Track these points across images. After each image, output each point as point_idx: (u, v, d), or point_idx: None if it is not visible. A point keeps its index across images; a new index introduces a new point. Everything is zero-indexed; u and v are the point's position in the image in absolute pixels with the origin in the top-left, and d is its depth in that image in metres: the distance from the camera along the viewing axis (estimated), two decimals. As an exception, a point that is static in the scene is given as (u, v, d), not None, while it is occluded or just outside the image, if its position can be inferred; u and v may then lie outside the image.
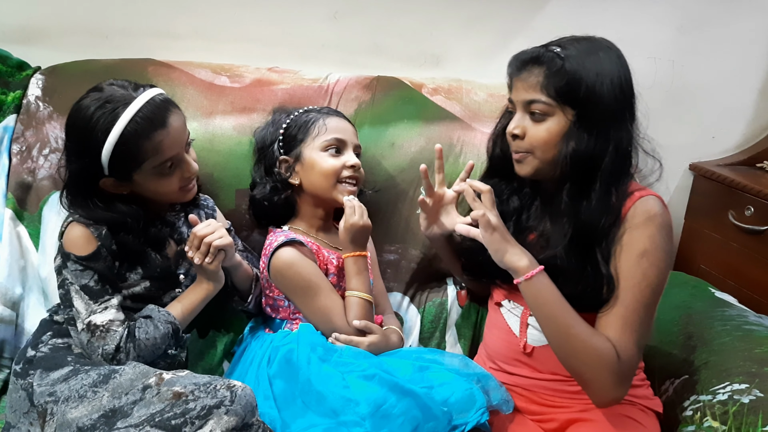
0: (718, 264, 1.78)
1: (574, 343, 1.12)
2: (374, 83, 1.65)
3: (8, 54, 1.55)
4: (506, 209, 1.28)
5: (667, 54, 1.86)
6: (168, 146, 1.19)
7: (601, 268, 1.15)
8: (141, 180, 1.21)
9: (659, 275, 1.15)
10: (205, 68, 1.61)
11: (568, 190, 1.16)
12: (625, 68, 1.17)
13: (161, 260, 1.29)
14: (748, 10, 1.84)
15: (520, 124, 1.19)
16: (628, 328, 1.12)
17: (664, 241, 1.15)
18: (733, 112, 1.92)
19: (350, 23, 1.74)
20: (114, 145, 1.15)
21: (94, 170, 1.18)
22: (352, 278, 1.33)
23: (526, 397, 1.27)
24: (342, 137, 1.37)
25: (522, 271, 1.14)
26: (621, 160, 1.15)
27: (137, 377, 1.09)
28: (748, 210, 1.68)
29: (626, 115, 1.15)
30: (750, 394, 1.13)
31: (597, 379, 1.12)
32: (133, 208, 1.23)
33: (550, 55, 1.14)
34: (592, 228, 1.15)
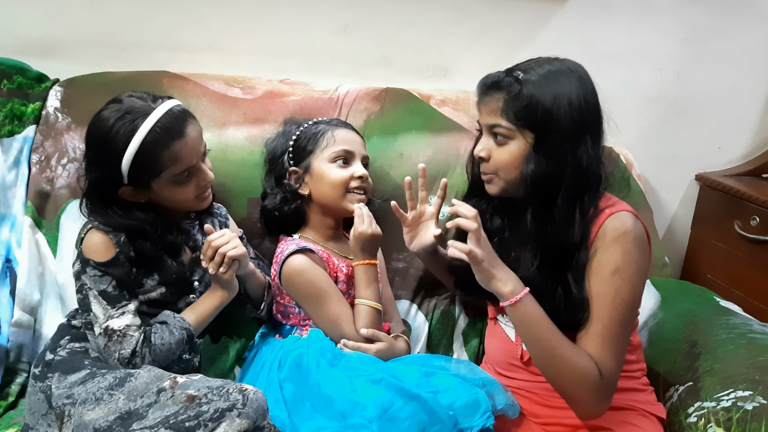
0: (724, 273, 1.79)
1: (559, 363, 1.15)
2: (383, 95, 1.68)
3: (28, 66, 1.59)
4: (490, 227, 1.31)
5: (672, 65, 1.88)
6: (186, 156, 1.22)
7: (571, 288, 1.17)
8: (159, 188, 1.24)
9: (633, 291, 1.17)
10: (218, 80, 1.64)
11: (531, 212, 1.19)
12: (588, 91, 1.17)
13: (177, 266, 1.32)
14: (753, 22, 1.86)
15: (485, 147, 1.22)
16: (607, 344, 1.15)
17: (636, 255, 1.17)
18: (739, 123, 1.94)
19: (360, 36, 1.78)
20: (134, 154, 1.19)
21: (113, 179, 1.21)
22: (361, 286, 1.34)
23: (530, 399, 1.28)
24: (350, 148, 1.40)
25: (507, 296, 1.15)
26: (582, 180, 1.16)
27: (152, 380, 1.11)
28: (754, 220, 1.70)
29: (586, 137, 1.16)
30: (753, 401, 1.14)
31: (580, 396, 1.16)
32: (151, 215, 1.26)
33: (509, 80, 1.17)
34: (558, 249, 1.17)
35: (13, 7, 1.66)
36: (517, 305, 1.15)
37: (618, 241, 1.16)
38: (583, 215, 1.18)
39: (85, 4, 1.67)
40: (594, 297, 1.17)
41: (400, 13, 1.77)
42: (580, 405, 1.18)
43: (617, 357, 1.16)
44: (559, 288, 1.18)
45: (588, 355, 1.15)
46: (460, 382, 1.19)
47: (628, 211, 1.20)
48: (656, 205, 1.91)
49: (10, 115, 1.54)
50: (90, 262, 1.23)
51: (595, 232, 1.19)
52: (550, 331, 1.16)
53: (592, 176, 1.18)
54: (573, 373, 1.14)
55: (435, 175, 1.60)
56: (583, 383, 1.14)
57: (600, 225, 1.18)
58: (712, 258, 1.85)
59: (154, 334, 1.23)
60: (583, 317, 1.18)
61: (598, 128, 1.19)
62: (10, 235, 1.49)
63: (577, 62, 1.21)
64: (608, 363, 1.15)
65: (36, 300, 1.47)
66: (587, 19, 1.83)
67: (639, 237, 1.19)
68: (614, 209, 1.20)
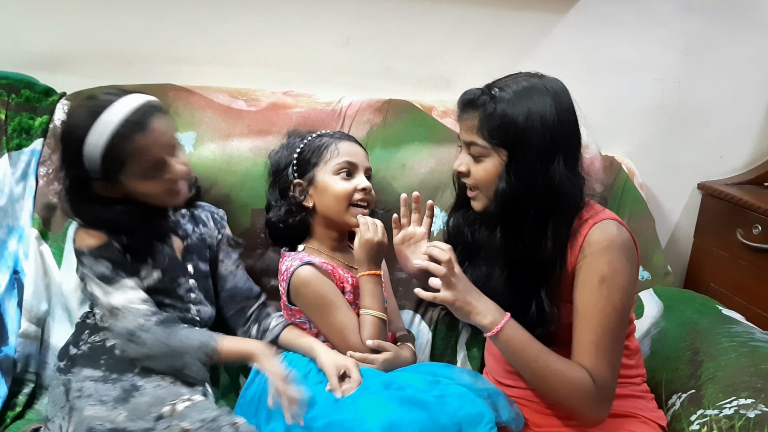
0: (727, 282, 1.80)
1: (552, 380, 1.16)
2: (386, 106, 1.70)
3: (35, 80, 1.61)
4: (479, 239, 1.32)
5: (673, 75, 1.89)
6: (150, 149, 1.21)
7: (544, 304, 1.18)
8: (128, 182, 1.23)
9: (622, 298, 1.17)
10: (222, 92, 1.66)
11: (500, 229, 1.20)
12: (562, 109, 1.17)
13: (169, 250, 1.32)
14: (753, 32, 1.88)
15: (464, 162, 1.24)
16: (600, 353, 1.15)
17: (623, 263, 1.17)
18: (741, 131, 1.95)
19: (362, 48, 1.79)
20: (97, 147, 1.18)
21: (84, 174, 1.21)
22: (366, 297, 1.35)
23: (530, 408, 1.29)
24: (353, 160, 1.40)
25: (488, 327, 1.16)
26: (553, 199, 1.17)
27: (155, 402, 1.14)
28: (756, 228, 1.70)
29: (558, 156, 1.16)
30: (756, 409, 1.15)
31: (578, 407, 1.17)
32: (130, 207, 1.25)
33: (485, 99, 1.18)
34: (528, 266, 1.18)
35: (21, 22, 1.68)
36: (499, 334, 1.16)
37: (604, 251, 1.16)
38: (555, 233, 1.18)
39: (92, 19, 1.70)
40: (584, 307, 1.17)
41: (402, 25, 1.79)
42: (580, 415, 1.19)
43: (612, 364, 1.17)
44: (532, 304, 1.19)
45: (579, 365, 1.15)
46: (465, 392, 1.19)
47: (611, 219, 1.21)
48: (659, 213, 1.91)
49: (18, 128, 1.55)
50: (83, 251, 1.24)
51: (579, 243, 1.19)
52: (536, 351, 1.17)
53: (565, 195, 1.18)
54: (566, 387, 1.15)
55: (437, 186, 1.61)
56: (579, 395, 1.15)
57: (584, 236, 1.18)
58: (715, 266, 1.86)
59: (163, 325, 1.23)
60: (557, 332, 1.19)
61: (572, 147, 1.20)
62: (18, 247, 1.51)
63: (557, 79, 1.21)
64: (602, 371, 1.15)
65: (43, 311, 1.48)
66: (588, 30, 1.84)
67: (624, 244, 1.18)
68: (597, 218, 1.20)
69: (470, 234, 1.35)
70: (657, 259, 1.73)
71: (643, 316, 1.58)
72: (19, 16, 1.68)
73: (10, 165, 1.53)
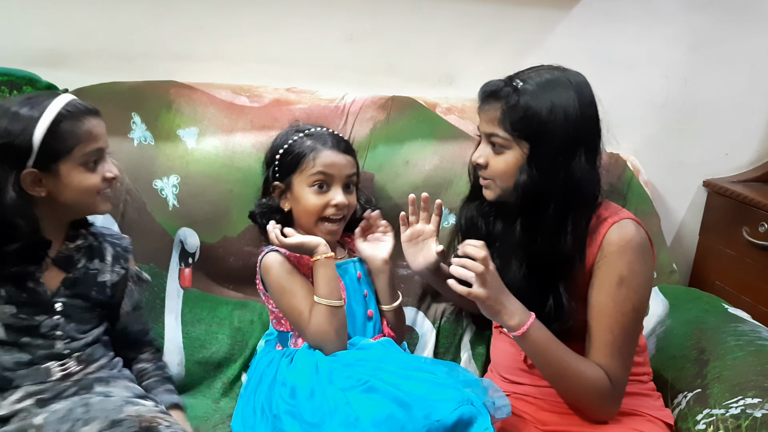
0: (733, 280, 1.78)
1: (571, 380, 1.18)
2: (389, 103, 1.69)
3: (38, 77, 1.60)
4: (491, 231, 1.32)
5: (679, 72, 1.88)
6: (99, 134, 1.19)
7: (563, 299, 1.18)
8: (66, 172, 1.16)
9: (640, 298, 1.18)
10: (225, 89, 1.65)
11: (521, 221, 1.19)
12: (585, 103, 1.16)
13: (34, 284, 1.19)
14: (759, 28, 1.86)
15: (483, 154, 1.23)
16: (617, 353, 1.17)
17: (641, 263, 1.18)
18: (746, 129, 1.94)
19: (366, 44, 1.78)
20: (49, 123, 1.13)
21: (18, 157, 1.12)
22: (317, 283, 1.31)
23: (537, 405, 1.28)
24: (330, 172, 1.36)
25: (513, 328, 1.16)
26: (573, 193, 1.17)
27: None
28: (762, 226, 1.69)
29: (580, 150, 1.16)
30: (762, 408, 1.14)
31: (593, 405, 1.20)
32: (37, 214, 1.16)
33: (508, 90, 1.17)
34: (547, 260, 1.18)
35: (23, 18, 1.68)
36: (525, 335, 1.16)
37: (623, 251, 1.17)
38: (575, 228, 1.18)
39: (94, 16, 1.69)
40: (602, 307, 1.18)
41: (405, 21, 1.78)
42: (594, 412, 1.21)
43: (626, 364, 1.19)
44: (550, 298, 1.19)
45: (597, 365, 1.17)
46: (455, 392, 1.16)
47: (630, 219, 1.21)
48: (664, 211, 1.90)
49: (19, 125, 1.55)
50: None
51: (598, 242, 1.19)
52: (558, 351, 1.18)
53: (586, 190, 1.18)
54: (584, 387, 1.17)
55: (441, 183, 1.61)
56: (595, 394, 1.17)
57: (603, 235, 1.19)
58: (721, 264, 1.85)
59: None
60: (575, 327, 1.19)
61: (594, 141, 1.19)
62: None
63: (579, 72, 1.21)
64: (617, 371, 1.17)
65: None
66: (593, 27, 1.83)
67: (642, 244, 1.19)
68: (616, 218, 1.20)
69: (485, 226, 1.34)
70: (662, 257, 1.71)
71: (649, 315, 1.56)
72: (21, 13, 1.68)
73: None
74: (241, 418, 1.33)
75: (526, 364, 1.29)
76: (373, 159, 1.61)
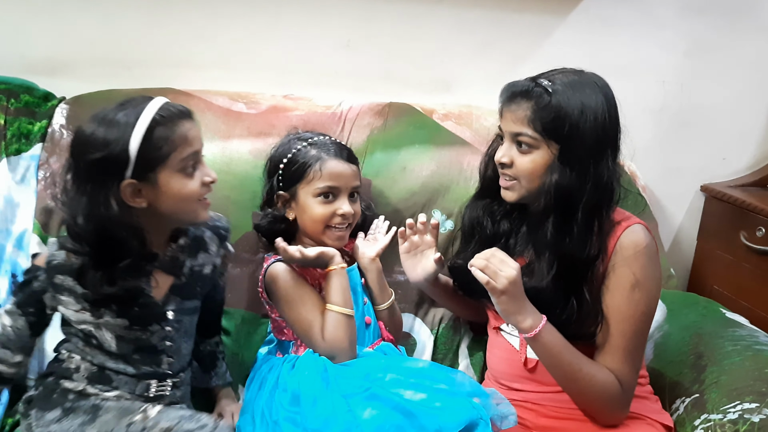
0: (730, 284, 1.78)
1: (582, 383, 1.18)
2: (386, 109, 1.69)
3: (35, 85, 1.61)
4: (497, 231, 1.32)
5: (676, 78, 1.89)
6: (194, 138, 1.14)
7: (585, 300, 1.18)
8: (165, 180, 1.11)
9: (650, 303, 1.20)
10: (222, 95, 1.65)
11: (553, 222, 1.19)
12: (611, 105, 1.18)
13: (146, 298, 1.18)
14: (755, 34, 1.87)
15: (508, 153, 1.23)
16: (628, 357, 1.18)
17: (653, 268, 1.20)
18: (744, 133, 1.95)
19: (363, 51, 1.79)
20: (144, 131, 1.07)
21: (116, 170, 1.08)
22: (329, 292, 1.32)
23: (537, 411, 1.28)
24: (336, 184, 1.36)
25: (526, 330, 1.16)
26: (601, 194, 1.18)
27: (122, 413, 1.13)
28: (760, 231, 1.69)
29: (608, 152, 1.18)
30: (760, 413, 1.14)
31: (603, 409, 1.21)
32: (142, 229, 1.13)
33: (539, 91, 1.17)
34: (575, 260, 1.18)
35: (20, 27, 1.68)
36: (537, 337, 1.16)
37: (636, 257, 1.18)
38: (601, 229, 1.19)
39: (91, 24, 1.70)
40: (614, 311, 1.18)
41: (402, 28, 1.79)
42: (602, 416, 1.22)
43: (636, 368, 1.20)
44: (572, 299, 1.19)
45: (607, 369, 1.18)
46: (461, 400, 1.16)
47: (640, 224, 1.22)
48: (662, 216, 1.90)
49: (17, 133, 1.55)
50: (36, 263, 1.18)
51: (612, 245, 1.20)
52: (570, 354, 1.18)
53: (611, 190, 1.19)
54: (595, 391, 1.18)
55: (437, 189, 1.61)
56: (606, 398, 1.18)
57: (617, 238, 1.20)
58: (719, 269, 1.85)
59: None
60: (593, 330, 1.19)
61: (617, 143, 1.21)
62: (18, 252, 1.50)
63: (599, 75, 1.22)
64: (628, 375, 1.18)
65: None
66: (589, 33, 1.84)
67: (654, 250, 1.21)
68: (630, 222, 1.21)
69: (491, 225, 1.34)
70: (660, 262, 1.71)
71: (647, 320, 1.57)
72: (19, 22, 1.69)
73: (9, 170, 1.53)
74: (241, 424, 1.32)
75: (526, 368, 1.29)
76: (371, 165, 1.61)
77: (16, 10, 1.68)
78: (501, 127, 1.25)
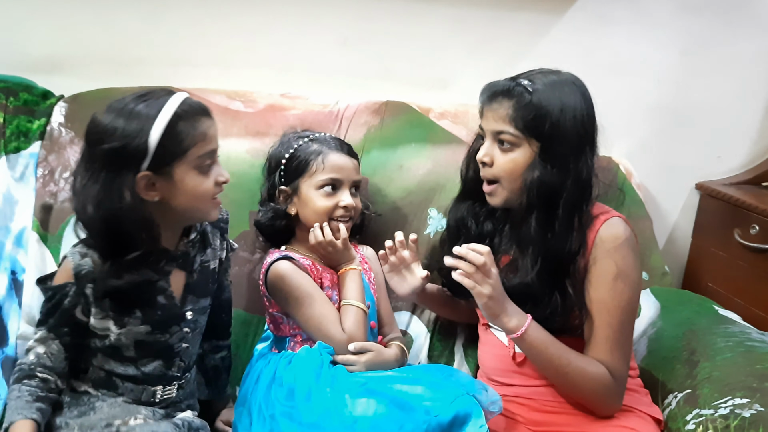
0: (725, 282, 1.79)
1: (573, 378, 1.20)
2: (383, 108, 1.70)
3: (33, 84, 1.61)
4: (482, 231, 1.34)
5: (671, 76, 1.89)
6: (213, 136, 1.14)
7: (569, 294, 1.20)
8: (181, 176, 1.11)
9: (635, 293, 1.22)
10: (220, 94, 1.66)
11: (536, 219, 1.21)
12: (589, 103, 1.22)
13: (165, 299, 1.19)
14: (750, 32, 1.87)
15: (489, 152, 1.24)
16: (617, 347, 1.20)
17: (633, 258, 1.22)
18: (738, 132, 1.95)
19: (360, 49, 1.80)
20: (166, 124, 1.07)
21: (134, 160, 1.07)
22: (346, 290, 1.36)
23: (528, 406, 1.29)
24: (338, 176, 1.39)
25: (512, 330, 1.18)
26: (581, 190, 1.20)
27: (108, 417, 1.14)
28: (754, 228, 1.70)
29: (587, 149, 1.20)
30: (751, 409, 1.15)
31: (597, 401, 1.22)
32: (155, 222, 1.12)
33: (520, 89, 1.19)
34: (558, 256, 1.20)
35: (19, 25, 1.69)
36: (524, 336, 1.18)
37: (617, 248, 1.20)
38: (581, 224, 1.21)
39: (89, 22, 1.70)
40: (598, 304, 1.20)
41: (399, 26, 1.79)
42: (596, 408, 1.23)
43: (625, 358, 1.22)
44: (555, 294, 1.21)
45: (597, 361, 1.19)
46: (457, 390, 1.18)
47: (618, 217, 1.24)
48: (657, 214, 1.91)
49: (16, 131, 1.56)
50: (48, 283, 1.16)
51: (592, 239, 1.21)
52: (558, 350, 1.19)
53: (590, 186, 1.22)
54: (588, 383, 1.19)
55: (434, 187, 1.62)
56: (599, 390, 1.19)
57: (596, 232, 1.21)
58: (713, 267, 1.85)
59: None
60: (577, 323, 1.21)
61: (594, 140, 1.23)
62: (18, 250, 1.51)
63: (575, 75, 1.25)
64: (618, 365, 1.20)
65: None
66: (585, 31, 1.84)
67: (633, 241, 1.23)
68: (608, 215, 1.23)
69: (475, 226, 1.36)
70: (654, 259, 1.73)
71: (640, 317, 1.57)
72: (17, 20, 1.69)
73: (8, 168, 1.53)
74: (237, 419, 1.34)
75: (515, 362, 1.30)
76: (367, 163, 1.62)
77: (15, 9, 1.68)
78: (482, 127, 1.27)
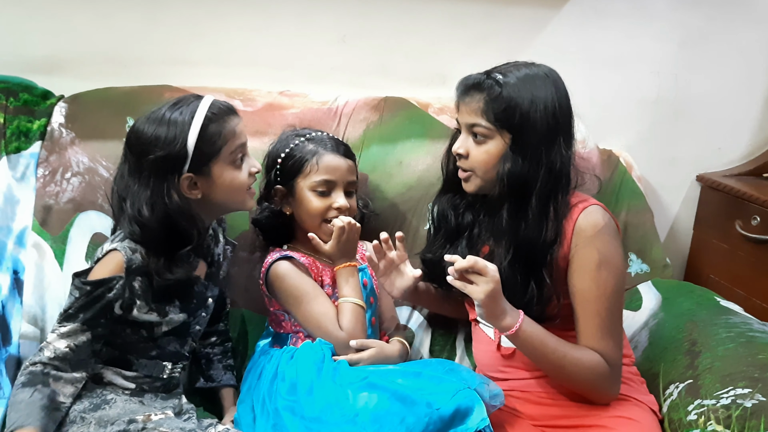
0: (726, 273, 1.79)
1: (569, 368, 1.20)
2: (382, 104, 1.70)
3: (33, 84, 1.62)
4: (461, 222, 1.36)
5: (670, 68, 1.89)
6: (241, 131, 1.25)
7: (546, 283, 1.21)
8: (218, 172, 1.22)
9: (619, 278, 1.23)
10: (219, 92, 1.64)
11: (507, 209, 1.22)
12: (562, 95, 1.23)
13: (199, 289, 1.30)
14: (749, 23, 1.87)
15: (464, 145, 1.27)
16: (608, 334, 1.21)
17: (615, 245, 1.23)
18: (738, 123, 1.95)
19: (358, 46, 1.80)
20: (199, 129, 1.18)
21: (176, 164, 1.18)
22: (343, 287, 1.36)
23: (523, 399, 1.30)
24: (332, 178, 1.38)
25: (505, 328, 1.18)
26: (555, 180, 1.21)
27: (125, 412, 1.15)
28: (755, 219, 1.70)
29: (560, 139, 1.21)
30: (752, 399, 1.15)
31: (595, 390, 1.23)
32: (201, 218, 1.23)
33: (490, 82, 1.22)
34: (532, 244, 1.21)
35: (19, 26, 1.69)
36: (518, 333, 1.18)
37: (596, 236, 1.21)
38: (556, 213, 1.22)
39: (88, 22, 1.71)
40: (585, 293, 1.21)
41: (397, 22, 1.79)
42: (595, 397, 1.25)
43: (618, 343, 1.23)
44: (531, 283, 1.22)
45: (591, 350, 1.20)
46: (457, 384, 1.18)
47: (597, 205, 1.25)
48: (658, 206, 1.91)
49: (16, 131, 1.57)
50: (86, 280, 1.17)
51: (571, 228, 1.22)
52: (552, 343, 1.20)
53: (564, 176, 1.23)
54: (584, 373, 1.20)
55: (433, 182, 1.60)
56: (596, 378, 1.20)
57: (574, 221, 1.22)
58: (715, 258, 1.85)
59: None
60: (555, 312, 1.22)
61: (569, 131, 1.25)
62: (19, 249, 1.52)
63: (551, 67, 1.26)
64: (611, 351, 1.20)
65: (42, 313, 1.49)
66: (584, 25, 1.84)
67: (612, 228, 1.24)
68: (586, 204, 1.24)
69: (454, 219, 1.37)
70: (656, 252, 1.72)
71: (642, 308, 1.58)
72: (17, 20, 1.70)
73: (9, 168, 1.54)
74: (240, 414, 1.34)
75: (499, 353, 1.32)
76: (367, 159, 1.62)
77: (14, 9, 1.69)
78: (458, 120, 1.30)
